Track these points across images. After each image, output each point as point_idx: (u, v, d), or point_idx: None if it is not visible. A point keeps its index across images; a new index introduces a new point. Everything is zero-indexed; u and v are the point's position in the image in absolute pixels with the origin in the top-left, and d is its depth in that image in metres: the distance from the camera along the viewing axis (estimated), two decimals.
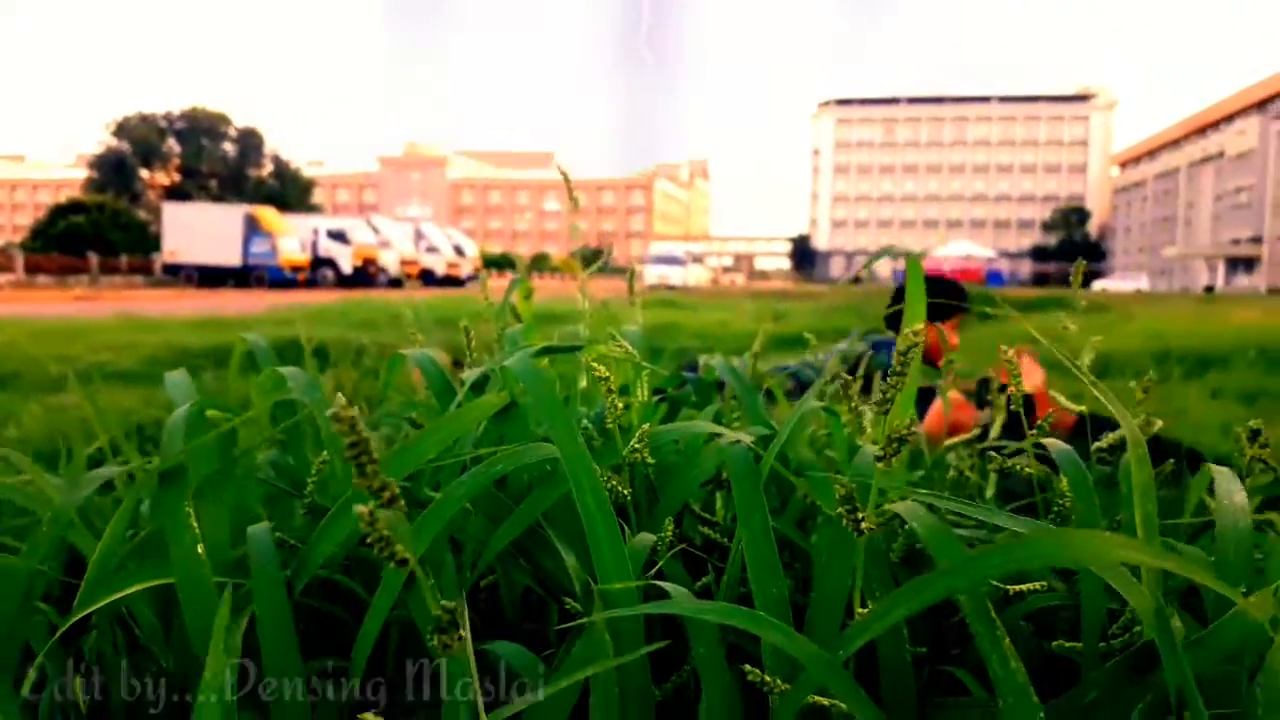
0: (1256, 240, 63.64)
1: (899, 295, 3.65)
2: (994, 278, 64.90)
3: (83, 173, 74.42)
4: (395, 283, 39.19)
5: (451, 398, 0.93)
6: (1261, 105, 67.97)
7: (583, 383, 1.19)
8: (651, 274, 48.63)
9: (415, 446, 0.79)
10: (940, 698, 0.71)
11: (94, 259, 38.97)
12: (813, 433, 1.29)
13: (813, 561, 0.73)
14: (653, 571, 0.69)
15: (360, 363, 4.74)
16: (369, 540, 0.45)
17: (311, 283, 36.83)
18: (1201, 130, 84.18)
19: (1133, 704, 0.64)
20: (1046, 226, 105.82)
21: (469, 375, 0.94)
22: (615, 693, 0.63)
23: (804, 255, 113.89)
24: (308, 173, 75.79)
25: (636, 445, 0.84)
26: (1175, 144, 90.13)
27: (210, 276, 36.29)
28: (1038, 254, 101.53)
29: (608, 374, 0.86)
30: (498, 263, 58.55)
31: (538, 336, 1.24)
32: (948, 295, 3.55)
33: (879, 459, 0.64)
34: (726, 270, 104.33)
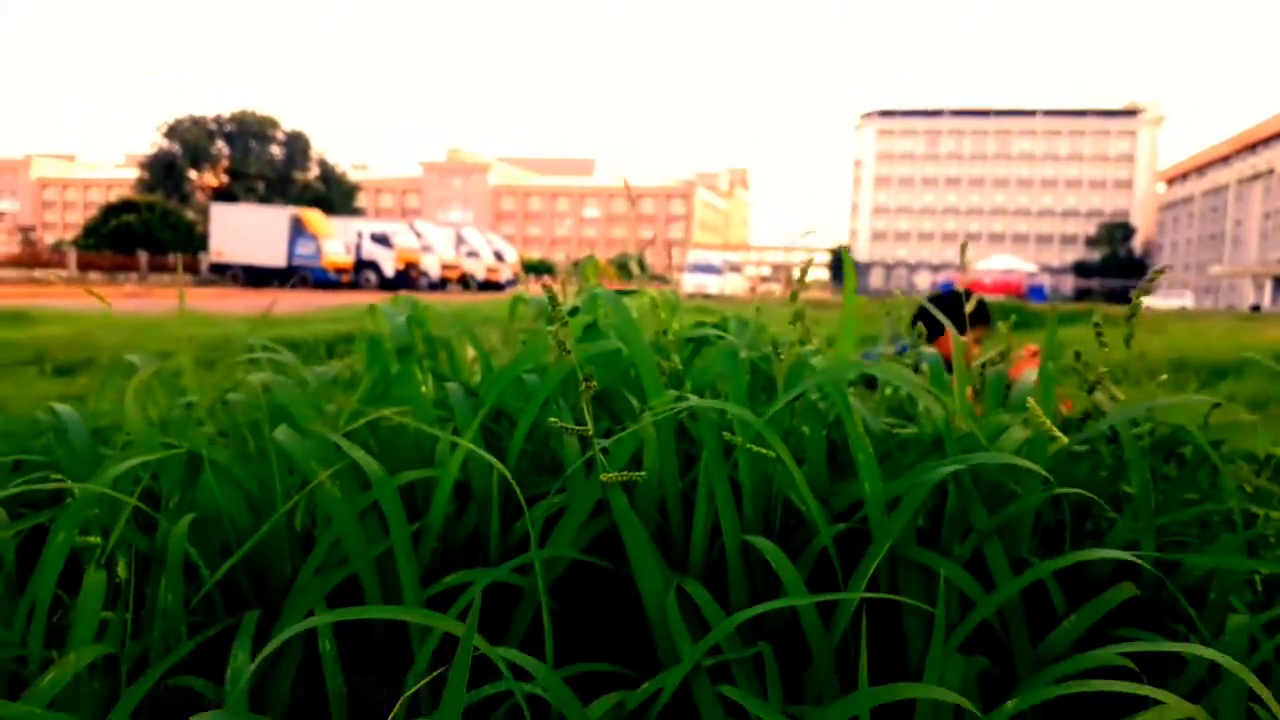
0: None
1: (924, 310, 4.08)
2: (1036, 293, 64.42)
3: (133, 173, 76.09)
4: (436, 286, 39.90)
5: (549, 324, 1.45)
6: None
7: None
8: (689, 283, 48.83)
9: (541, 340, 1.30)
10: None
11: (144, 257, 40.10)
12: None
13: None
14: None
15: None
16: (585, 379, 0.96)
17: (354, 285, 37.50)
18: (1251, 147, 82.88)
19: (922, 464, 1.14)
20: (1090, 242, 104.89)
21: (567, 305, 1.46)
22: (657, 459, 1.13)
23: (843, 266, 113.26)
24: (352, 176, 76.94)
25: (671, 337, 1.35)
26: (1224, 161, 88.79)
27: (255, 276, 37.13)
28: (1081, 269, 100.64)
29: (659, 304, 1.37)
30: (536, 268, 59.18)
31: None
32: (974, 309, 3.99)
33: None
34: (764, 280, 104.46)
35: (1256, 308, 57.18)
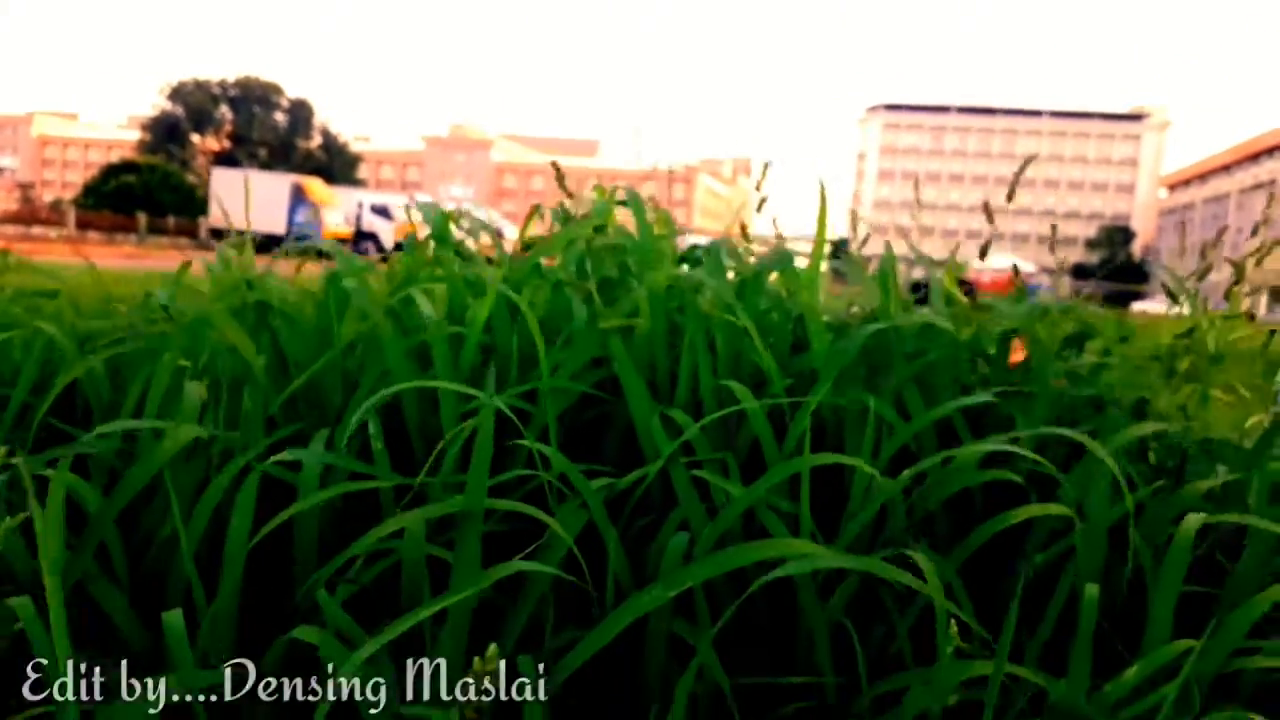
0: None
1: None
2: (1032, 293, 64.48)
3: (134, 134, 75.89)
4: None
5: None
6: None
7: None
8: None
9: (565, 233, 1.53)
10: None
11: (142, 218, 40.02)
12: None
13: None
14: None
15: None
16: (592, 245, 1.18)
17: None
18: (1254, 157, 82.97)
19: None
20: (1090, 244, 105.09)
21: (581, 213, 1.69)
22: (645, 337, 1.36)
23: (843, 260, 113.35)
24: (355, 147, 76.84)
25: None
26: (1226, 169, 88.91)
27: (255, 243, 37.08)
28: (1079, 272, 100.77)
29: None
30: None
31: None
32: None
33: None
34: None
35: (1251, 316, 57.27)
